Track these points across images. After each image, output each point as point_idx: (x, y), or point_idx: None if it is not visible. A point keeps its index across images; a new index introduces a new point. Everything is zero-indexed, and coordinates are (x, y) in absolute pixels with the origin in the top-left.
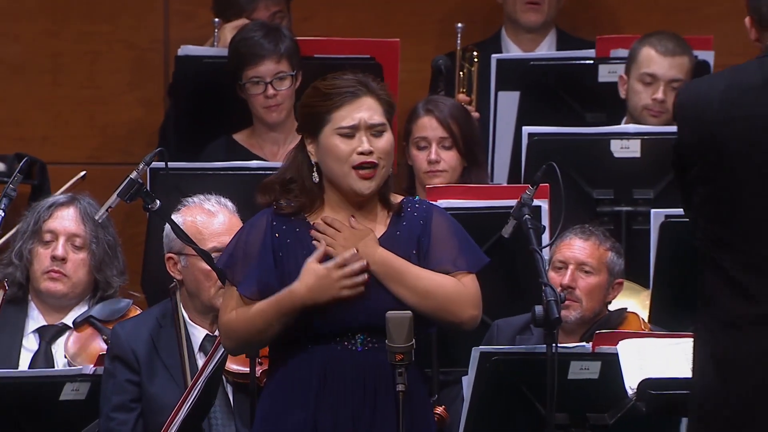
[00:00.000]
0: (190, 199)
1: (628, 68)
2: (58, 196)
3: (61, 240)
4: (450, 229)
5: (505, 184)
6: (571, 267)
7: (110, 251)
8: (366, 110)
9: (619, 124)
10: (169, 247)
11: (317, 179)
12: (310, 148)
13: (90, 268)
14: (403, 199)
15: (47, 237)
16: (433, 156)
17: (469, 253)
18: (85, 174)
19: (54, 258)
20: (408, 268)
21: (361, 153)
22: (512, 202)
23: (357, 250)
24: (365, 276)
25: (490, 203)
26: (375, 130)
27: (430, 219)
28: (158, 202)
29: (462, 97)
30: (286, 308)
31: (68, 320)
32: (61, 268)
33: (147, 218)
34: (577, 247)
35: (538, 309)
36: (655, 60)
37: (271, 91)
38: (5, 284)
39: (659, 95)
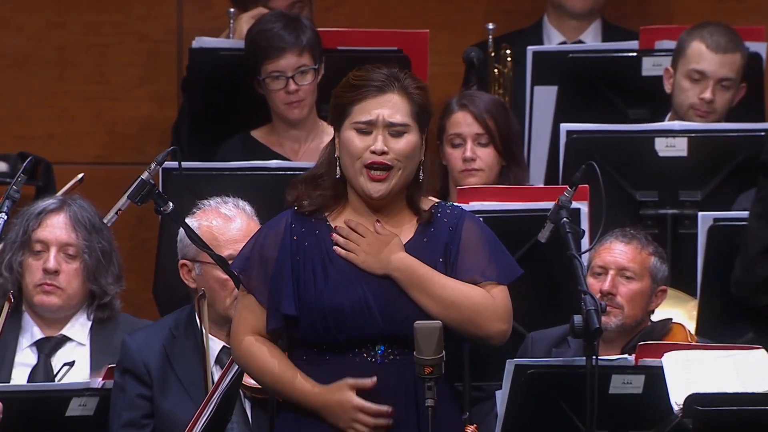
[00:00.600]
0: (205, 202)
1: (675, 61)
2: (48, 200)
3: (53, 251)
4: (481, 237)
5: (542, 186)
6: (611, 272)
7: (104, 258)
8: (389, 107)
9: (664, 120)
10: (183, 253)
11: (339, 174)
12: (336, 141)
13: (84, 278)
14: (434, 205)
15: (38, 247)
16: (468, 153)
17: (501, 264)
18: (83, 176)
19: (46, 271)
20: (432, 276)
21: (374, 152)
22: (549, 205)
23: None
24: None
25: (526, 206)
26: (394, 130)
27: (461, 226)
28: (171, 204)
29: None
30: (296, 398)
31: (67, 331)
32: (55, 281)
33: (159, 222)
34: (618, 251)
35: (577, 319)
36: (705, 56)
37: (292, 86)
38: (11, 296)
39: (707, 95)
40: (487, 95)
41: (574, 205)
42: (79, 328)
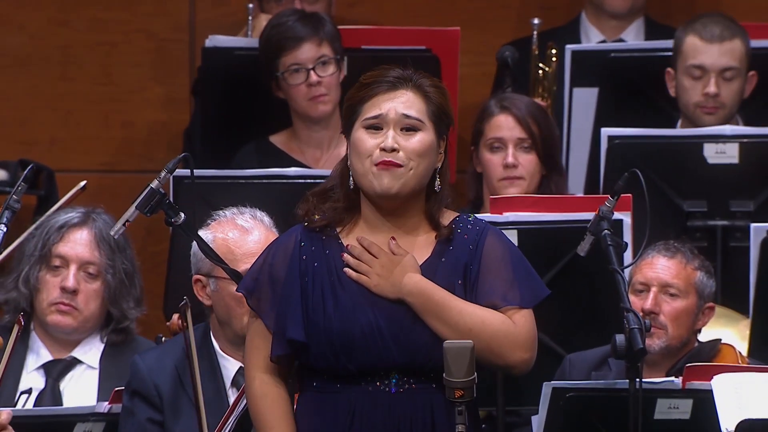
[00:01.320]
0: (221, 213)
1: (674, 62)
2: (71, 214)
3: (73, 268)
4: (504, 256)
5: (581, 195)
6: (653, 289)
7: (127, 280)
8: (401, 101)
9: (675, 127)
10: (197, 268)
11: (352, 184)
12: (348, 149)
13: (104, 300)
14: (454, 219)
15: (57, 262)
16: (510, 159)
17: (525, 286)
18: (85, 184)
19: (64, 289)
20: (449, 302)
21: (384, 149)
22: (589, 215)
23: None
24: None
25: (564, 216)
26: (407, 124)
27: (482, 243)
28: (183, 215)
29: (537, 102)
30: None
31: (77, 354)
32: (72, 301)
33: (170, 234)
34: (661, 266)
35: (620, 338)
36: (700, 49)
37: (314, 77)
38: (21, 319)
39: (711, 88)
40: (526, 98)
41: (616, 216)
42: (91, 351)
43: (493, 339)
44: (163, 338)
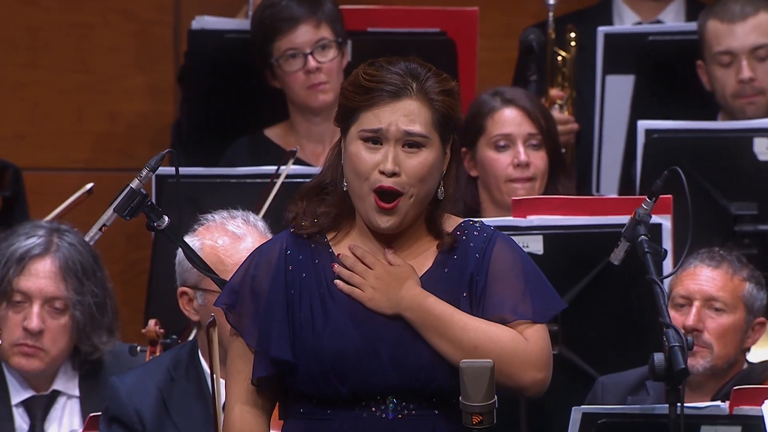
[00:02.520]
0: (209, 217)
1: (701, 52)
2: (32, 239)
3: (36, 306)
4: (514, 265)
5: (615, 196)
6: (696, 303)
7: (98, 311)
8: (403, 114)
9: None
10: (183, 279)
11: (347, 186)
12: (342, 144)
13: (72, 335)
14: (459, 224)
15: (18, 298)
16: (522, 157)
17: (538, 298)
18: (92, 187)
19: (27, 330)
20: (451, 316)
21: (383, 172)
22: (624, 219)
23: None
24: None
25: (596, 220)
26: (410, 140)
27: (489, 252)
28: (167, 218)
29: (555, 92)
30: None
31: (57, 386)
32: (37, 342)
33: (152, 240)
34: (704, 277)
35: (658, 358)
36: (723, 32)
37: (312, 63)
38: None
39: (744, 73)
40: (520, 90)
41: (655, 219)
42: (69, 380)
43: (502, 357)
44: (138, 348)
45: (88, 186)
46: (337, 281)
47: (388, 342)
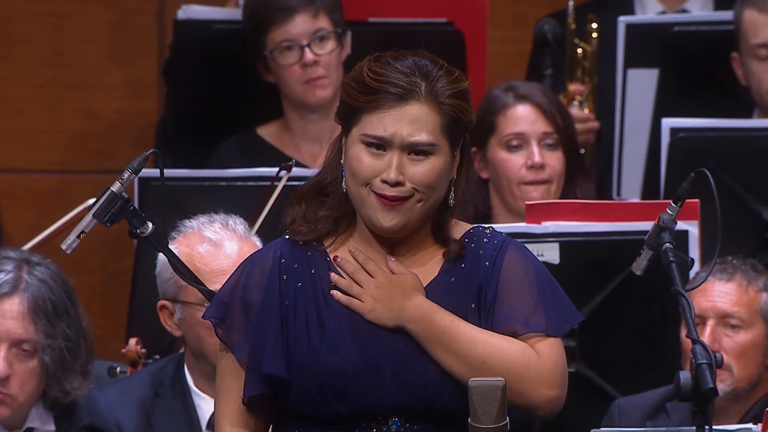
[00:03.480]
0: (186, 223)
1: (737, 43)
2: (0, 275)
3: (2, 349)
4: (526, 274)
5: (637, 200)
6: (710, 322)
7: (70, 353)
8: (409, 122)
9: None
10: (162, 292)
11: (346, 188)
12: (342, 142)
13: (41, 379)
14: (468, 231)
15: None
16: (537, 158)
17: (551, 310)
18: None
19: None
20: (457, 328)
21: (385, 182)
22: (647, 225)
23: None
24: None
25: (616, 227)
26: (416, 149)
27: (500, 260)
28: (150, 225)
29: (575, 87)
30: None
31: (33, 423)
32: (4, 388)
33: (135, 248)
34: (716, 292)
35: (684, 376)
36: (761, 23)
37: (309, 56)
38: None
39: None
40: (537, 84)
41: (680, 226)
42: (42, 418)
43: (512, 373)
44: (118, 369)
45: (90, 201)
46: (335, 291)
47: (390, 357)
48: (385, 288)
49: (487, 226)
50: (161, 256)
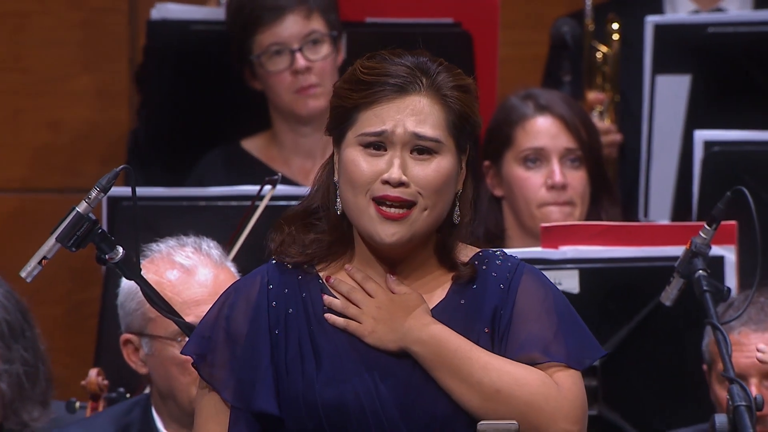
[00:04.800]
0: (154, 247)
1: None
2: None
3: None
4: (545, 300)
5: (667, 222)
6: (753, 380)
7: (29, 379)
8: (411, 114)
9: None
10: (126, 324)
11: (339, 209)
12: (335, 160)
13: None
14: (476, 254)
15: None
16: (557, 177)
17: (572, 340)
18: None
19: None
20: (470, 352)
21: (387, 182)
22: (678, 250)
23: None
24: None
25: (643, 252)
26: (420, 145)
27: (516, 283)
28: (121, 250)
29: (594, 96)
30: None
31: None
32: None
33: (103, 276)
34: (753, 347)
35: (720, 420)
36: None
37: (301, 62)
38: None
39: None
40: (559, 93)
41: (715, 250)
42: None
43: (530, 405)
44: (78, 403)
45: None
46: (329, 315)
47: (394, 387)
48: (386, 308)
49: (496, 249)
50: (125, 284)
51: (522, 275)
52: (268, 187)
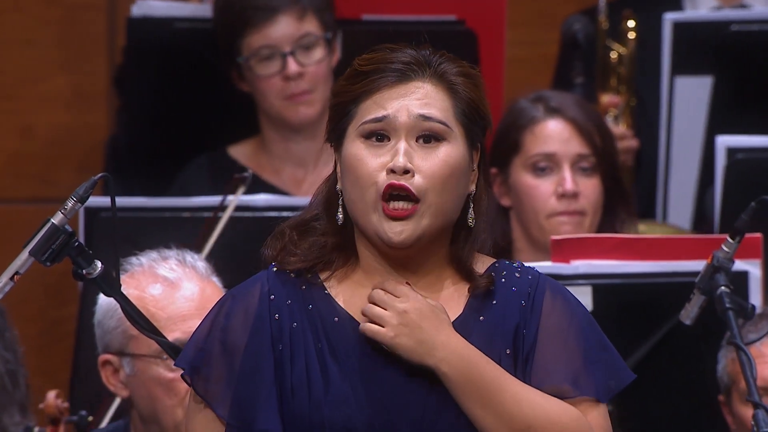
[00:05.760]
0: (134, 261)
1: None
2: None
3: None
4: (572, 322)
5: (687, 235)
6: None
7: (11, 381)
8: (414, 97)
9: None
10: (104, 344)
11: (342, 218)
12: (337, 168)
13: None
14: (492, 265)
15: None
16: (569, 185)
17: (602, 368)
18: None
19: None
20: (503, 382)
21: (393, 171)
22: (699, 265)
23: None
24: None
25: (661, 266)
26: (426, 130)
27: (540, 300)
28: (99, 264)
29: (609, 99)
30: None
31: None
32: None
33: (80, 293)
34: None
35: None
36: None
37: (293, 67)
38: None
39: None
40: (572, 95)
41: (739, 265)
42: None
43: None
44: (36, 428)
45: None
46: (363, 324)
47: (408, 412)
48: (415, 313)
49: (514, 261)
50: (102, 300)
51: (545, 292)
52: (230, 198)
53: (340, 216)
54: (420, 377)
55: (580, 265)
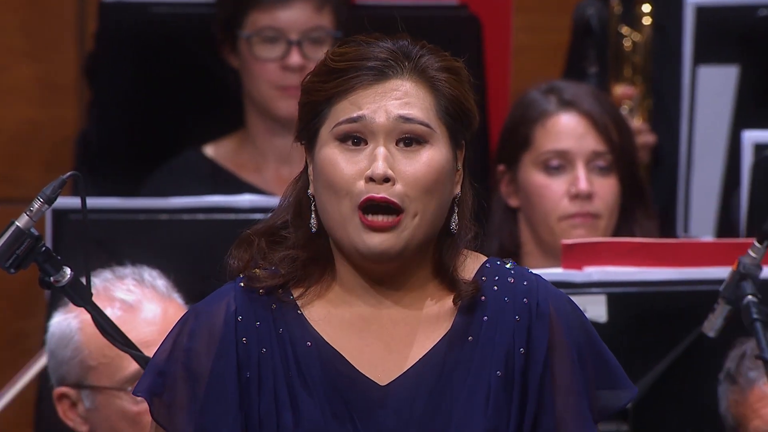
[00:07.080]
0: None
1: None
2: None
3: None
4: (577, 350)
5: (710, 239)
6: None
7: None
8: (393, 97)
9: None
10: (59, 376)
11: (315, 227)
12: (309, 171)
13: None
14: (482, 267)
15: None
16: (583, 185)
17: (607, 396)
18: None
19: None
20: None
21: (371, 179)
22: (724, 272)
23: None
24: None
25: (682, 273)
26: (407, 132)
27: (536, 321)
28: (68, 271)
29: (623, 90)
30: None
31: None
32: None
33: (47, 302)
34: None
35: None
36: None
37: (295, 58)
38: None
39: None
40: (586, 87)
41: (767, 272)
42: None
43: None
44: None
45: None
46: None
47: None
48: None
49: (506, 260)
50: (54, 327)
51: (548, 299)
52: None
53: (314, 223)
54: (395, 407)
55: (594, 272)
